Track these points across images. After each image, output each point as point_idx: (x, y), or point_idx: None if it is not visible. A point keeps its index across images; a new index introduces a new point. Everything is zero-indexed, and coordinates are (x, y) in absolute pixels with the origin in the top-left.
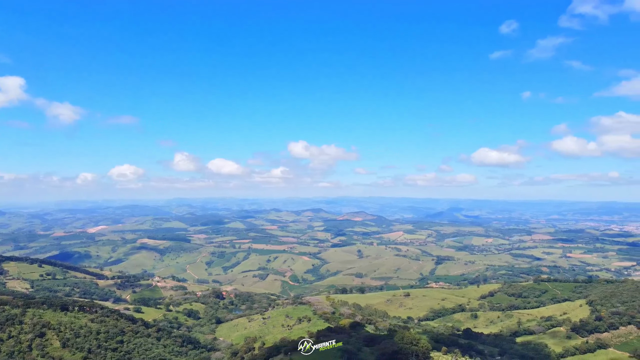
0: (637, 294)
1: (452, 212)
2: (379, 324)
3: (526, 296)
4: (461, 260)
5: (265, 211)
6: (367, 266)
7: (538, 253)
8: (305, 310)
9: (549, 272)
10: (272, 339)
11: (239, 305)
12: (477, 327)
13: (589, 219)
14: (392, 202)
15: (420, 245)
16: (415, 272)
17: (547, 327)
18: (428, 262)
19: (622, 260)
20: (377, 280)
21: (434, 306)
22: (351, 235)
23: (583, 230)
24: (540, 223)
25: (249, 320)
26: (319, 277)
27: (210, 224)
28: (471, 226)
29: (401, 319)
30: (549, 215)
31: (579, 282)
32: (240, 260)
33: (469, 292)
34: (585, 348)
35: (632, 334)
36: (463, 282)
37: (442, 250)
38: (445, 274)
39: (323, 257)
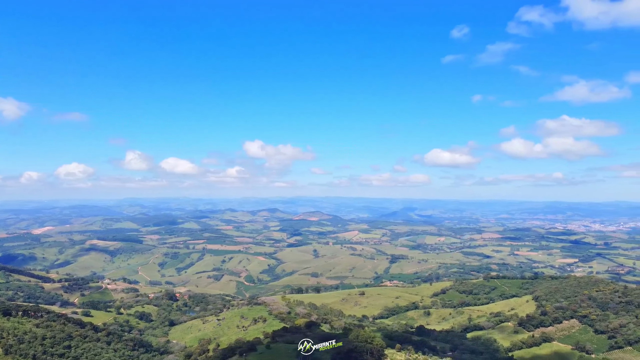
0: (579, 289)
1: (407, 212)
2: (335, 323)
3: (476, 293)
4: (415, 258)
5: (221, 211)
6: (323, 266)
7: (488, 251)
8: (260, 311)
9: (498, 269)
10: (227, 340)
11: (193, 306)
12: (430, 324)
13: (535, 218)
14: (348, 201)
15: (375, 244)
16: (370, 271)
17: (496, 323)
18: (383, 261)
19: (565, 257)
20: (333, 279)
21: (389, 304)
22: (307, 235)
23: (530, 229)
24: (490, 222)
25: (203, 321)
26: (274, 277)
27: (164, 225)
28: (424, 225)
29: (356, 317)
30: (498, 214)
31: (526, 279)
32: (194, 261)
33: (422, 290)
34: (531, 342)
35: (575, 327)
36: (416, 280)
37: (397, 249)
38: (400, 272)
39: (279, 257)
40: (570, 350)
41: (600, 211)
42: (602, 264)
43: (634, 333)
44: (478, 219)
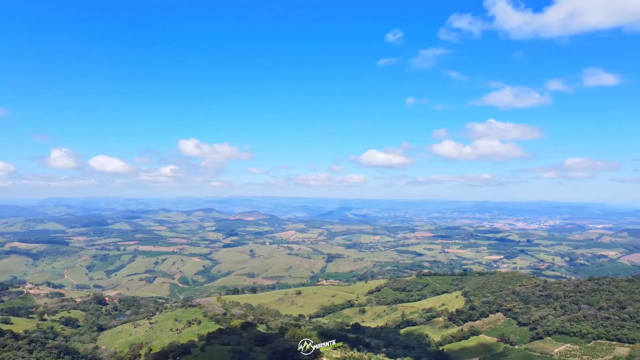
0: (504, 284)
1: (343, 211)
2: (271, 323)
3: (410, 290)
4: (351, 257)
5: (154, 211)
6: (260, 266)
7: (420, 249)
8: (195, 313)
9: (430, 266)
10: (159, 344)
11: (124, 310)
12: (365, 322)
13: (465, 217)
14: (285, 201)
15: (312, 243)
16: (307, 270)
17: (427, 318)
18: (319, 260)
19: (492, 254)
20: (270, 279)
21: (325, 303)
22: (244, 235)
23: (459, 228)
24: (422, 221)
25: (134, 325)
26: (210, 278)
27: (92, 225)
28: (360, 225)
29: (293, 317)
30: (430, 213)
31: (456, 275)
32: (125, 263)
33: (357, 288)
34: (460, 335)
35: (500, 320)
36: (352, 278)
37: (333, 248)
38: (336, 271)
39: (214, 257)
40: (495, 342)
41: (523, 210)
42: (525, 260)
43: (553, 324)
44: (411, 218)
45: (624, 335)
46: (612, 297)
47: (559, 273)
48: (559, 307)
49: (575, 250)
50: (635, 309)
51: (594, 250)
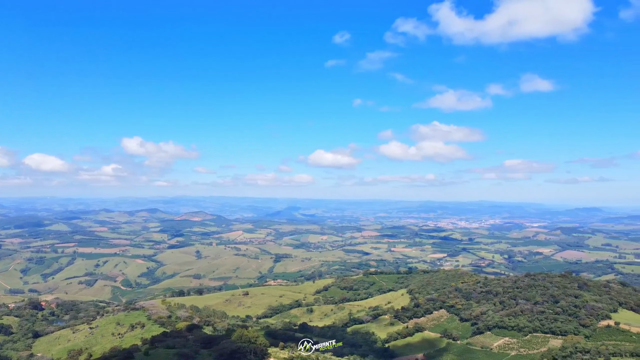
0: (447, 281)
1: (291, 211)
2: (218, 324)
3: (356, 289)
4: (298, 257)
5: (94, 212)
6: (206, 267)
7: (367, 248)
8: (138, 316)
9: (376, 265)
10: (100, 349)
11: (62, 315)
12: (313, 321)
13: (410, 217)
14: (233, 201)
15: (260, 244)
16: (255, 270)
17: (374, 316)
18: (267, 261)
19: (435, 253)
20: (216, 280)
21: (272, 303)
22: (190, 236)
23: (405, 227)
24: (369, 220)
25: (73, 331)
26: (154, 280)
27: (27, 227)
28: (308, 224)
29: (240, 318)
30: (377, 213)
31: (401, 274)
32: (63, 266)
33: (305, 288)
34: (405, 332)
35: (443, 317)
36: (300, 278)
37: (281, 249)
38: (284, 271)
39: (159, 259)
40: (438, 338)
41: (466, 210)
42: (467, 258)
43: (492, 319)
44: (358, 217)
45: (557, 328)
46: (546, 292)
47: (499, 270)
48: (499, 303)
49: (514, 248)
50: (567, 303)
51: (531, 247)
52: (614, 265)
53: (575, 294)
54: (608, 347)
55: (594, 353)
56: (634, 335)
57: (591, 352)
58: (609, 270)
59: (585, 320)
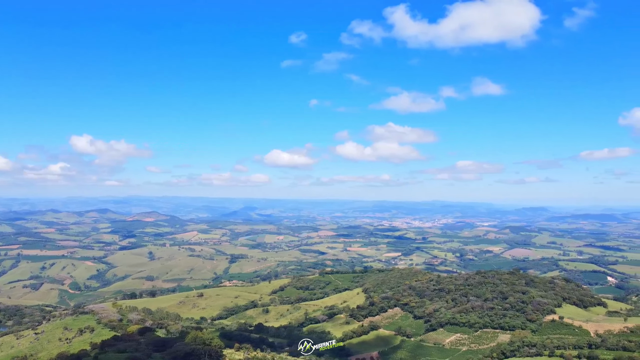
0: (401, 280)
1: (247, 211)
2: (171, 327)
3: (312, 288)
4: (254, 257)
5: (41, 212)
6: (159, 268)
7: (323, 248)
8: (87, 320)
9: (332, 265)
10: (46, 355)
11: (5, 321)
12: (269, 322)
13: (365, 216)
14: (187, 201)
15: (215, 244)
16: (210, 271)
17: (330, 315)
18: (222, 261)
19: (390, 252)
20: (170, 282)
21: (228, 304)
22: (142, 237)
23: (360, 227)
24: (325, 220)
25: (17, 337)
26: (104, 282)
27: None
28: (264, 224)
29: (194, 320)
30: (333, 213)
31: (357, 273)
32: (6, 269)
33: (261, 288)
34: (360, 331)
35: (397, 314)
36: (256, 278)
37: (237, 249)
38: (239, 271)
39: (110, 261)
40: (393, 335)
41: (419, 209)
42: (421, 257)
43: (445, 316)
44: (315, 217)
45: (506, 324)
46: (496, 289)
47: (451, 268)
48: (451, 300)
49: (465, 246)
50: (515, 299)
51: (481, 246)
52: (558, 262)
53: (522, 290)
54: (553, 341)
55: (539, 347)
56: (576, 329)
57: (537, 346)
58: (553, 267)
59: (532, 315)
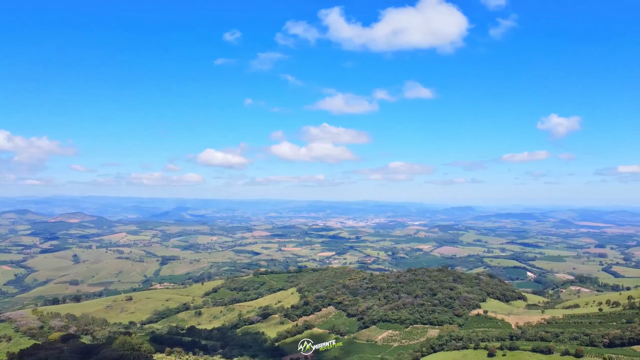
0: (335, 279)
1: (179, 212)
2: (97, 332)
3: (247, 289)
4: (187, 259)
5: None
6: (85, 272)
7: (258, 248)
8: (4, 329)
9: (266, 265)
10: None
11: None
12: (201, 324)
13: (300, 216)
14: (115, 201)
15: (145, 246)
16: (139, 274)
17: (264, 316)
18: (153, 263)
19: (324, 251)
20: (96, 286)
21: (158, 307)
22: (66, 239)
23: (295, 226)
24: (260, 220)
25: None
26: (23, 288)
27: None
28: (197, 225)
29: (123, 324)
30: (267, 213)
31: (291, 273)
32: None
33: (193, 290)
34: (295, 330)
35: (331, 313)
36: (188, 280)
37: (168, 250)
38: (171, 273)
39: (29, 265)
40: (327, 334)
41: (353, 209)
42: (354, 255)
43: (377, 313)
44: (249, 217)
45: (435, 319)
46: (426, 286)
47: (383, 266)
48: (383, 298)
49: (397, 245)
50: (443, 295)
51: (412, 244)
52: (483, 259)
53: (450, 287)
54: (478, 334)
55: (466, 340)
56: (499, 322)
57: (464, 340)
58: (479, 264)
59: (458, 310)
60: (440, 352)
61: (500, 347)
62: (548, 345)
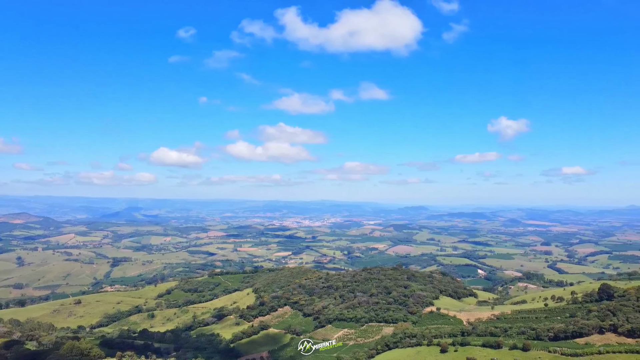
0: (291, 278)
1: (131, 212)
2: (43, 338)
3: (201, 290)
4: (139, 260)
5: None
6: (30, 275)
7: (213, 249)
8: None
9: (222, 266)
10: None
11: None
12: (154, 327)
13: (256, 216)
14: (63, 201)
15: (95, 247)
16: (89, 276)
17: (219, 317)
18: (103, 265)
19: (280, 251)
20: (43, 289)
21: (109, 311)
22: (9, 241)
23: (251, 226)
24: (215, 221)
25: None
26: None
27: None
28: (150, 225)
29: (71, 329)
30: (223, 213)
31: (247, 273)
32: None
33: (146, 292)
34: (250, 331)
35: (287, 313)
36: (140, 282)
37: (119, 252)
38: (122, 275)
39: None
40: (282, 334)
41: (309, 209)
42: (310, 255)
43: (333, 312)
44: (204, 217)
45: (390, 317)
46: (381, 285)
47: (339, 265)
48: (339, 297)
49: (353, 244)
50: (398, 293)
51: (368, 243)
52: (436, 257)
53: (404, 285)
54: (431, 331)
55: (419, 337)
56: (451, 319)
57: (417, 337)
58: (432, 262)
59: (412, 308)
60: (394, 350)
61: (452, 343)
62: (497, 340)
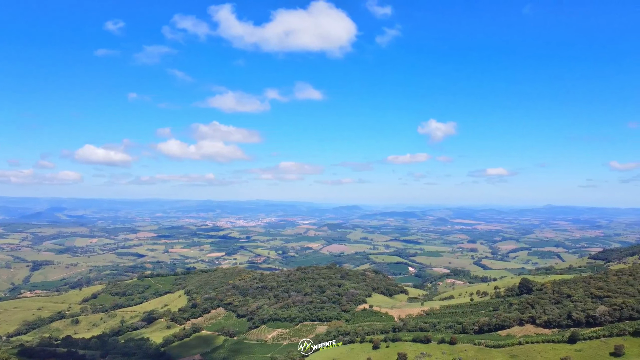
0: (225, 279)
1: (53, 212)
2: None
3: (130, 294)
4: (62, 263)
5: None
6: None
7: (143, 250)
8: None
9: (152, 267)
10: None
11: None
12: (79, 333)
13: (189, 216)
14: None
15: (13, 250)
16: (6, 281)
17: (149, 321)
18: (22, 269)
19: (214, 252)
20: None
21: (28, 317)
22: None
23: (183, 227)
24: (145, 221)
25: None
26: None
27: None
28: (75, 227)
29: None
30: (154, 213)
31: (179, 275)
32: None
33: (70, 297)
34: (182, 334)
35: (221, 314)
36: (64, 287)
37: (40, 255)
38: (43, 280)
39: None
40: (215, 336)
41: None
42: (245, 255)
43: (267, 313)
44: (134, 218)
45: (324, 315)
46: (315, 284)
47: (274, 265)
48: (273, 297)
49: (287, 244)
50: (332, 291)
51: (302, 243)
52: (369, 255)
53: (338, 283)
54: (364, 328)
55: (352, 334)
56: (383, 315)
57: (350, 334)
58: (365, 261)
59: (346, 306)
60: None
61: (384, 339)
62: (426, 335)
